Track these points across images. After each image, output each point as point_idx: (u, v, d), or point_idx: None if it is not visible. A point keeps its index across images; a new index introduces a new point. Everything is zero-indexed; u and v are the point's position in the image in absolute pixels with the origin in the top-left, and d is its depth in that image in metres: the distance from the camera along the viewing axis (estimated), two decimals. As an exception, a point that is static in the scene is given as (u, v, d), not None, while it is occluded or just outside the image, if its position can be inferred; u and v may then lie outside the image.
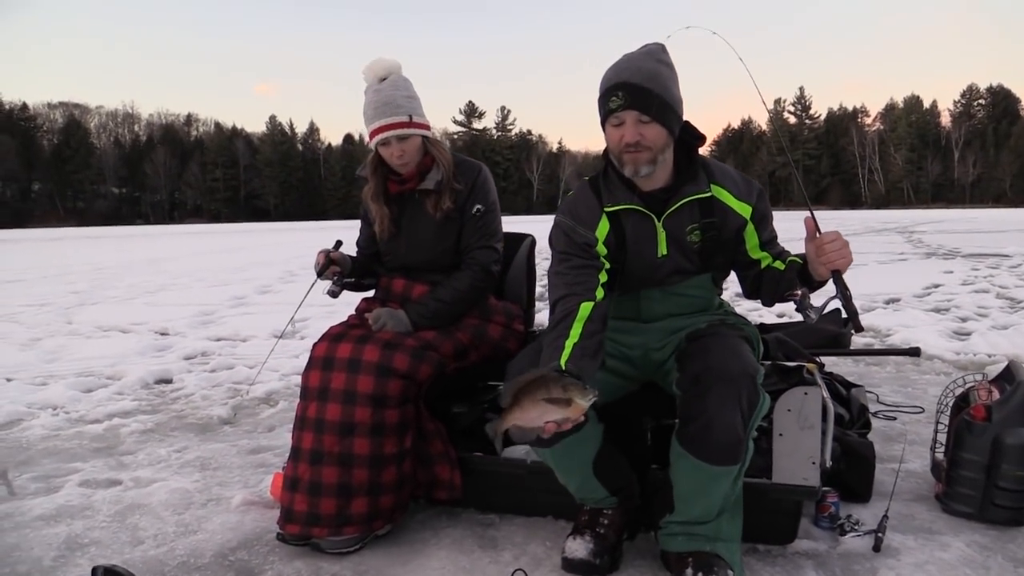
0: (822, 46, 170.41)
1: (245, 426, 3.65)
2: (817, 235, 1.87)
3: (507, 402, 1.67)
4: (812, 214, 1.93)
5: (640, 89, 1.89)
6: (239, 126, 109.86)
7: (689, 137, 2.05)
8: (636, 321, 2.14)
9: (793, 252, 2.12)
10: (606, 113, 1.95)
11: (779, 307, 2.32)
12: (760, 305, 2.22)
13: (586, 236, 2.04)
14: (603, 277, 2.01)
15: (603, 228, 2.04)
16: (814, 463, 2.08)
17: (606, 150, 2.07)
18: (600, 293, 1.97)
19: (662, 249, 2.04)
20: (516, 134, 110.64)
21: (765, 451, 2.13)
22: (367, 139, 2.47)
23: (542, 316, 4.76)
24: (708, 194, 2.02)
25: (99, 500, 2.67)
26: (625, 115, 1.91)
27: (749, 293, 2.18)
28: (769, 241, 2.10)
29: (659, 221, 2.02)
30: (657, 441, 2.29)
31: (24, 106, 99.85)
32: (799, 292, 1.92)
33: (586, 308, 1.91)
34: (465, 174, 2.51)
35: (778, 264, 2.05)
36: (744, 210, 2.05)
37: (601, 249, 2.04)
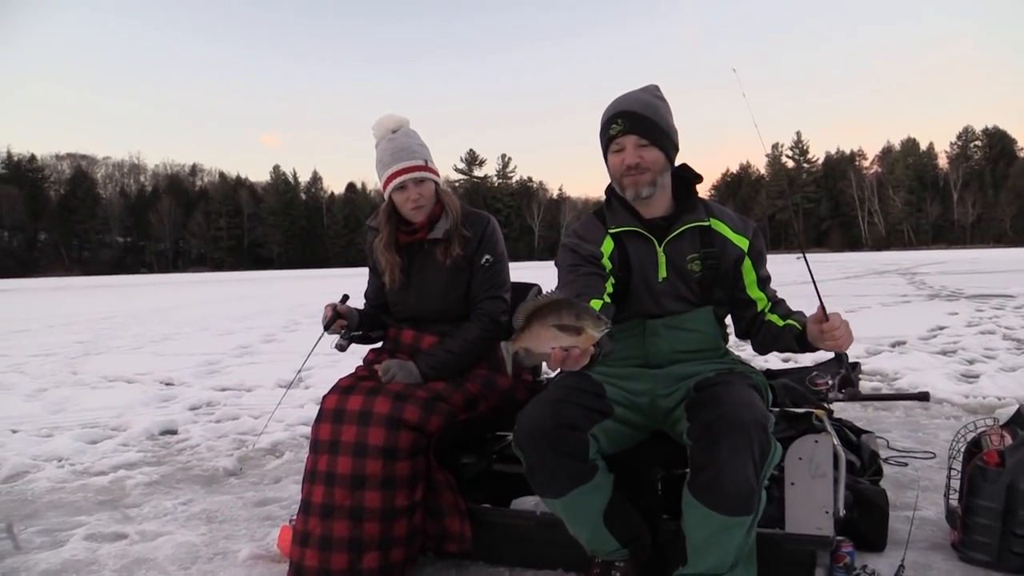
0: (817, 91, 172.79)
1: (251, 478, 3.63)
2: (826, 321, 1.94)
3: (519, 324, 1.66)
4: (806, 260, 2.03)
5: (638, 116, 2.08)
6: (243, 176, 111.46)
7: (688, 175, 2.20)
8: (643, 366, 2.16)
9: (786, 295, 2.23)
10: (607, 141, 2.13)
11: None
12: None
13: (592, 250, 2.15)
14: (609, 287, 2.08)
15: (608, 245, 2.17)
16: (827, 512, 2.07)
17: (609, 186, 2.22)
18: (608, 299, 2.03)
19: (662, 272, 2.13)
20: (517, 181, 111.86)
21: (777, 500, 2.11)
22: (381, 188, 2.52)
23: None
24: (707, 223, 2.15)
25: (104, 554, 2.64)
26: (625, 140, 2.09)
27: (741, 334, 2.29)
28: (765, 280, 2.21)
29: (660, 246, 2.13)
30: (667, 491, 2.27)
31: (32, 157, 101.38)
32: (827, 383, 2.01)
33: (595, 304, 1.96)
34: (474, 224, 2.54)
35: (774, 318, 2.15)
36: (742, 242, 2.17)
37: (606, 263, 2.14)
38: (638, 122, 2.07)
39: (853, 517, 2.33)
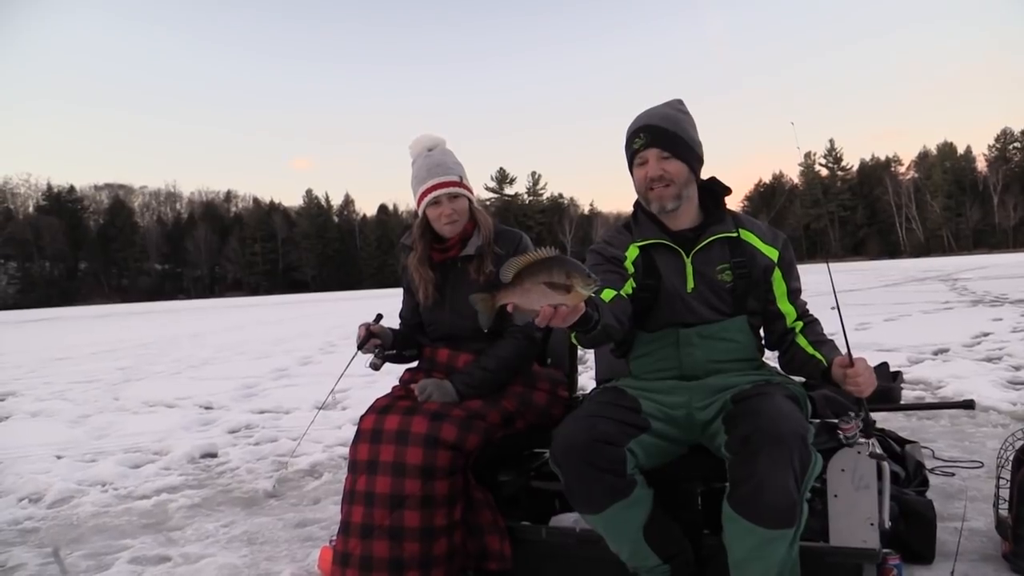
0: (849, 97, 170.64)
1: (290, 499, 3.66)
2: (851, 367, 1.95)
3: (507, 279, 1.65)
4: (839, 310, 2.02)
5: (659, 129, 2.12)
6: (277, 201, 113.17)
7: (716, 188, 2.22)
8: (678, 377, 2.15)
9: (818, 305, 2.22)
10: (631, 155, 2.18)
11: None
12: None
13: (616, 253, 2.18)
14: (628, 288, 2.10)
15: (632, 252, 2.19)
16: (872, 524, 2.02)
17: (637, 200, 2.24)
18: (623, 295, 2.07)
19: (690, 284, 2.14)
20: (548, 198, 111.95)
21: (820, 513, 2.08)
22: (416, 204, 2.55)
23: (584, 380, 4.76)
24: (735, 234, 2.17)
25: (149, 578, 2.68)
26: (648, 153, 2.13)
27: (769, 347, 2.29)
28: (795, 292, 2.22)
29: (687, 257, 2.15)
30: (708, 505, 2.24)
31: (71, 189, 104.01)
32: (852, 427, 2.00)
33: (608, 293, 2.01)
34: (506, 242, 2.56)
35: (804, 343, 2.15)
36: (771, 253, 2.18)
37: (629, 266, 2.16)
38: (660, 135, 2.11)
39: (900, 529, 2.28)
